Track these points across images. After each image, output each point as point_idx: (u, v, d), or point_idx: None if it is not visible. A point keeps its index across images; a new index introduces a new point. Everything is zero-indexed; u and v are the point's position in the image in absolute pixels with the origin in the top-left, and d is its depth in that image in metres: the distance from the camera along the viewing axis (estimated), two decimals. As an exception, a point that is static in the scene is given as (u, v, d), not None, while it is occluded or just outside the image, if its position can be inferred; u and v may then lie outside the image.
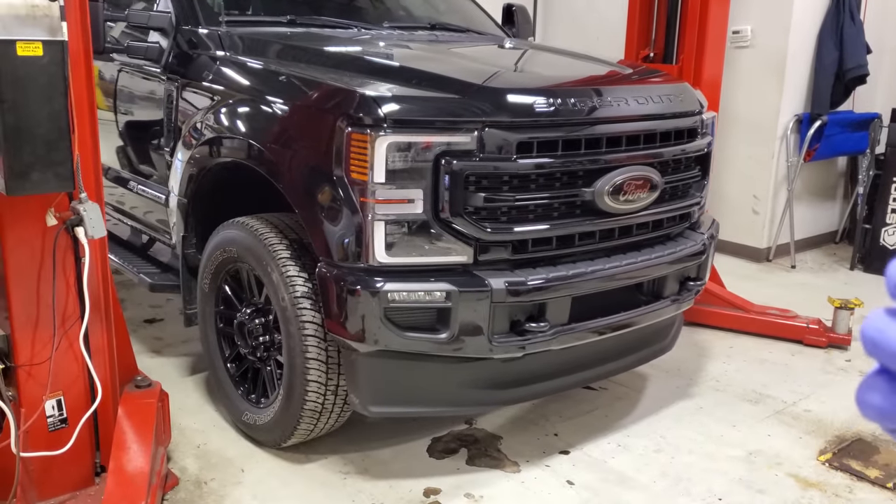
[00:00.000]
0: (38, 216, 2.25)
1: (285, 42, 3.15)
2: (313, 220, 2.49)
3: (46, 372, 2.34)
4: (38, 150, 2.06)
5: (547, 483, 2.77)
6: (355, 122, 2.35)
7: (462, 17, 4.13)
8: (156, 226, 3.49)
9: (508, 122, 2.45)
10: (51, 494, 2.48)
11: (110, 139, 3.68)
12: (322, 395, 2.62)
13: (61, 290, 2.35)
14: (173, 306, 4.32)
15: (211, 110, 2.94)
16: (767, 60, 5.42)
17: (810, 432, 3.19)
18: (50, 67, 2.04)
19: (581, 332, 2.68)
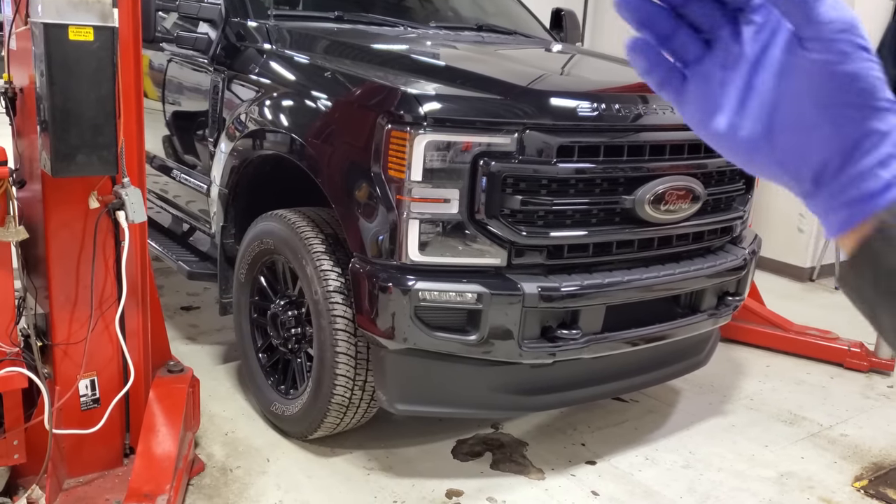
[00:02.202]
0: (81, 198, 2.29)
1: (332, 38, 3.17)
2: (349, 216, 2.50)
3: (82, 352, 2.38)
4: (85, 133, 2.10)
5: (571, 492, 2.74)
6: (395, 119, 2.35)
7: (509, 20, 4.11)
8: (197, 215, 3.54)
9: (550, 125, 2.43)
10: (80, 472, 2.53)
11: (157, 128, 3.74)
12: (350, 390, 2.63)
13: (100, 272, 2.39)
14: (210, 295, 4.38)
15: (255, 103, 2.97)
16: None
17: (846, 457, 3.11)
18: (100, 52, 2.08)
19: (614, 342, 2.64)
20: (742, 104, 0.56)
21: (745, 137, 0.56)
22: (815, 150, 0.53)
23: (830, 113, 0.52)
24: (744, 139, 0.56)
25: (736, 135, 0.56)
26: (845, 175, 0.52)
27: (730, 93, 0.56)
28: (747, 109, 0.56)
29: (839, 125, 0.52)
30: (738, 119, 0.56)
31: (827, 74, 0.52)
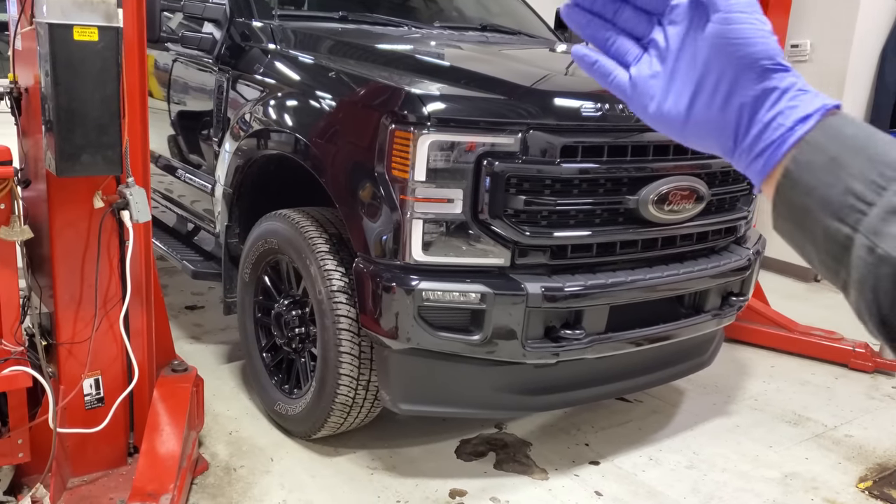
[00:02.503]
0: (86, 198, 2.30)
1: (336, 38, 3.17)
2: (353, 216, 2.51)
3: (86, 351, 2.39)
4: (89, 133, 2.11)
5: (575, 492, 2.74)
6: (399, 119, 2.35)
7: (514, 20, 4.11)
8: (201, 214, 3.55)
9: (554, 126, 2.43)
10: (84, 471, 2.54)
11: (162, 127, 3.75)
12: (353, 390, 2.63)
13: (104, 271, 2.40)
14: (214, 294, 4.39)
15: (260, 103, 2.97)
16: (826, 76, 5.30)
17: (850, 458, 3.10)
18: (104, 53, 2.08)
19: (617, 342, 2.64)
20: (667, 88, 0.67)
21: (673, 115, 0.67)
22: (728, 114, 0.63)
23: (733, 77, 0.62)
24: (672, 116, 0.67)
25: (666, 114, 0.67)
26: (754, 129, 0.62)
27: (659, 81, 0.68)
28: (671, 92, 0.67)
29: (742, 86, 0.62)
30: (665, 101, 0.67)
31: (725, 43, 0.63)
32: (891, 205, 0.54)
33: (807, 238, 0.60)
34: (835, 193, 0.57)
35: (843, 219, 0.56)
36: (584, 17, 0.71)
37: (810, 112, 0.60)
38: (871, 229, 0.55)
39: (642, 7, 0.69)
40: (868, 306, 0.57)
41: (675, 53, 0.67)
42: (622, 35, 0.70)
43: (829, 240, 0.58)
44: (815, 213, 0.58)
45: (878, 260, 0.54)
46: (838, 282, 0.60)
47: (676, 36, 0.67)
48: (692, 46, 0.66)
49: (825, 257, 0.59)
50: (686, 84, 0.66)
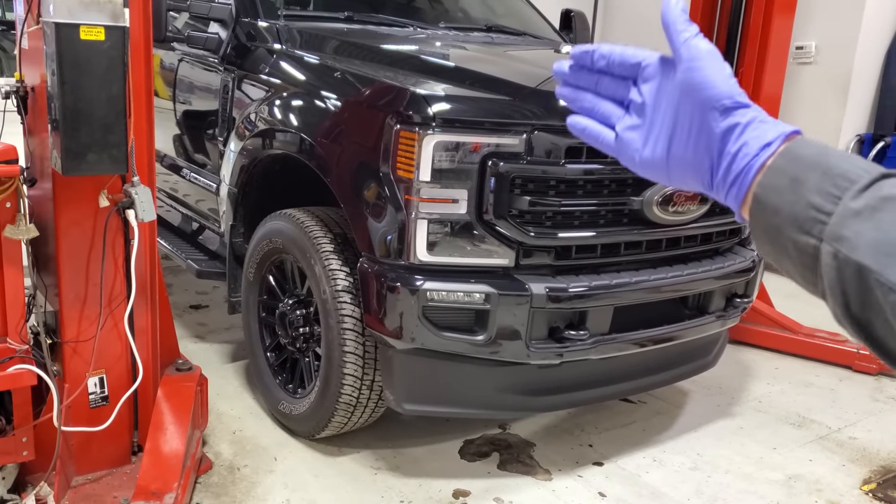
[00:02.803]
0: (91, 197, 2.30)
1: (342, 38, 3.18)
2: (358, 216, 2.51)
3: (91, 349, 2.40)
4: (95, 132, 2.11)
5: (578, 493, 2.74)
6: (404, 119, 2.35)
7: (519, 21, 4.11)
8: (206, 214, 3.55)
9: (559, 126, 2.43)
10: (88, 470, 2.54)
11: (167, 127, 3.76)
12: (357, 389, 2.63)
13: (109, 270, 2.41)
14: (219, 294, 4.39)
15: (265, 102, 2.98)
16: (831, 78, 5.29)
17: (854, 460, 3.10)
18: (110, 52, 2.09)
19: (621, 343, 2.64)
20: (647, 137, 0.75)
21: (656, 160, 0.75)
22: (701, 152, 0.71)
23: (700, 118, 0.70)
24: (655, 162, 0.75)
25: (649, 160, 0.75)
26: (724, 162, 0.68)
27: (640, 133, 0.76)
28: (650, 140, 0.75)
29: (709, 126, 0.69)
30: (646, 148, 0.75)
31: (690, 88, 0.71)
32: (846, 210, 0.59)
33: (783, 255, 0.65)
34: (798, 209, 0.62)
35: (808, 231, 0.61)
36: (572, 93, 0.81)
37: (771, 139, 0.66)
38: (833, 236, 0.59)
39: (619, 75, 0.78)
40: (842, 309, 0.60)
41: (651, 105, 0.75)
42: (606, 101, 0.79)
43: (801, 252, 0.62)
44: (785, 230, 0.63)
45: (841, 263, 0.59)
46: (818, 292, 0.63)
47: (650, 91, 0.75)
48: (665, 97, 0.74)
49: (802, 270, 0.64)
50: (662, 131, 0.74)
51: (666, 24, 0.74)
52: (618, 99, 0.79)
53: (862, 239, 0.58)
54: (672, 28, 0.73)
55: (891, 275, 0.56)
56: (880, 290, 0.56)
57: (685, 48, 0.72)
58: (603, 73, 0.79)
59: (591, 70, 0.80)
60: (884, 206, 0.58)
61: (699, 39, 0.72)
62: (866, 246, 0.57)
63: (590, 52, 0.79)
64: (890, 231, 0.57)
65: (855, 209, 0.59)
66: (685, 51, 0.72)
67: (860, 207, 0.59)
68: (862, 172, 0.61)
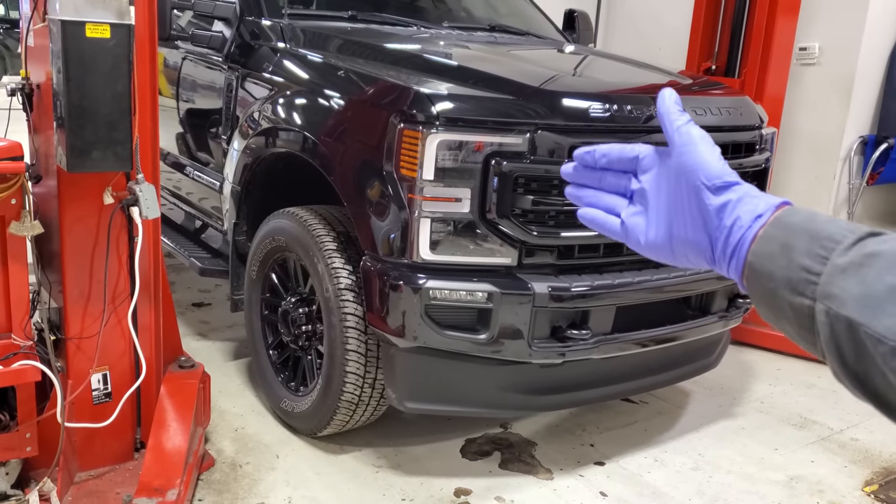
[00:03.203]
0: (96, 194, 2.31)
1: (345, 37, 3.18)
2: (361, 214, 2.51)
3: (94, 346, 2.40)
4: (100, 129, 2.12)
5: (579, 493, 2.74)
6: (408, 118, 2.36)
7: (522, 21, 4.12)
8: (209, 212, 3.56)
9: (562, 126, 2.44)
10: (91, 466, 2.55)
11: (171, 125, 3.76)
12: (359, 388, 2.64)
13: (113, 267, 2.41)
14: (221, 292, 4.40)
15: (268, 101, 2.98)
16: (834, 79, 5.28)
17: (856, 462, 3.10)
18: (116, 50, 2.09)
19: (624, 343, 2.64)
20: (650, 221, 0.81)
21: (660, 242, 0.80)
22: (700, 231, 0.75)
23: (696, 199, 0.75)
24: (659, 243, 0.80)
25: (653, 242, 0.80)
26: (721, 236, 0.73)
27: (643, 217, 0.82)
28: (653, 223, 0.80)
29: (704, 205, 0.74)
30: (650, 232, 0.81)
31: (683, 171, 0.77)
32: (834, 268, 0.63)
33: (782, 317, 0.68)
34: (791, 272, 0.66)
35: (802, 292, 0.65)
36: (578, 190, 0.88)
37: (762, 211, 0.71)
38: (824, 294, 0.63)
39: (619, 170, 0.85)
40: (839, 365, 0.63)
41: (651, 192, 0.81)
42: (610, 194, 0.86)
43: (797, 314, 0.65)
44: (780, 293, 0.67)
45: (833, 319, 0.62)
46: (818, 352, 0.66)
47: (649, 179, 0.81)
48: (663, 182, 0.80)
49: (800, 331, 0.66)
50: (663, 214, 0.79)
51: (661, 114, 0.80)
52: (620, 192, 0.85)
53: (848, 294, 0.61)
54: (666, 117, 0.79)
55: (877, 326, 0.58)
56: (870, 342, 0.59)
57: (678, 134, 0.78)
58: (605, 170, 0.86)
59: (593, 168, 0.86)
60: (867, 261, 0.61)
61: (691, 126, 0.78)
62: (853, 300, 0.60)
63: (591, 152, 0.86)
64: (873, 284, 0.60)
65: (841, 266, 0.62)
66: (678, 137, 0.78)
67: (845, 264, 0.62)
68: (847, 233, 0.64)
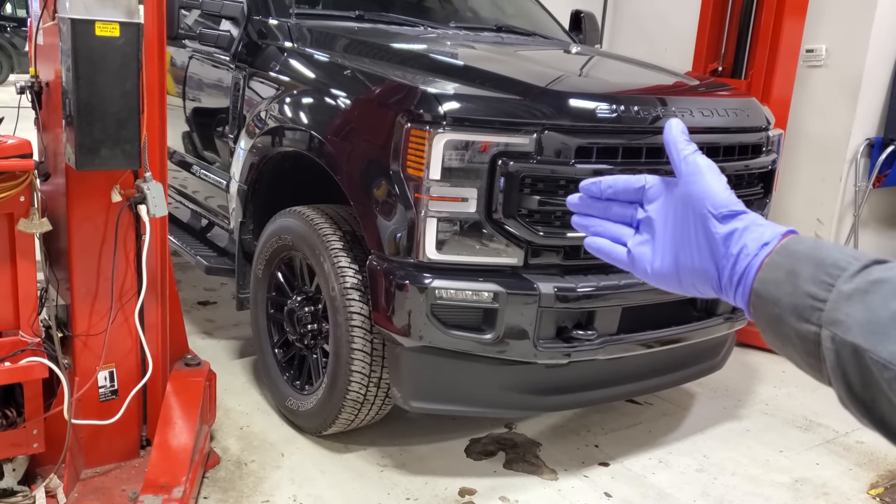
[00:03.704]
0: (104, 192, 2.32)
1: (352, 37, 3.19)
2: (367, 213, 2.52)
3: (101, 343, 2.41)
4: (109, 127, 2.13)
5: (584, 493, 2.74)
6: (415, 118, 2.36)
7: (529, 21, 4.12)
8: (215, 210, 3.57)
9: (569, 126, 2.44)
10: (97, 463, 2.56)
11: (177, 124, 3.77)
12: (365, 387, 2.64)
13: (121, 265, 2.42)
14: (227, 290, 4.41)
15: (275, 100, 2.99)
16: (841, 81, 5.27)
17: (862, 465, 3.09)
18: (125, 48, 2.10)
19: (629, 344, 2.64)
20: (657, 250, 0.81)
21: (666, 270, 0.80)
22: (707, 259, 0.76)
23: (703, 227, 0.76)
24: (666, 272, 0.81)
25: (660, 270, 0.81)
26: (728, 264, 0.73)
27: (649, 246, 0.82)
28: (660, 252, 0.81)
29: (711, 233, 0.75)
30: (657, 260, 0.81)
31: (690, 199, 0.78)
32: (839, 294, 0.63)
33: (788, 344, 0.68)
34: (797, 299, 0.66)
35: (807, 319, 0.65)
36: (584, 220, 0.89)
37: (769, 239, 0.71)
38: (830, 320, 0.63)
39: (625, 200, 0.86)
40: (845, 391, 0.63)
41: (657, 221, 0.82)
42: (616, 224, 0.87)
43: (803, 340, 0.66)
44: (786, 319, 0.67)
45: (838, 345, 0.62)
46: (824, 378, 0.66)
47: (656, 209, 0.82)
48: (670, 211, 0.81)
49: (806, 358, 0.67)
50: (669, 242, 0.80)
51: (667, 143, 0.82)
52: (627, 221, 0.87)
53: (853, 320, 0.61)
54: (673, 146, 0.81)
55: (882, 351, 0.58)
56: (875, 368, 0.59)
57: (685, 163, 0.79)
58: (611, 201, 0.87)
59: (599, 198, 0.87)
60: (872, 288, 0.61)
61: (698, 155, 0.79)
62: (858, 326, 0.60)
63: (597, 182, 0.87)
64: (878, 310, 0.60)
65: (847, 293, 0.63)
66: (685, 166, 0.79)
67: (851, 291, 0.62)
68: (852, 260, 0.65)
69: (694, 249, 0.77)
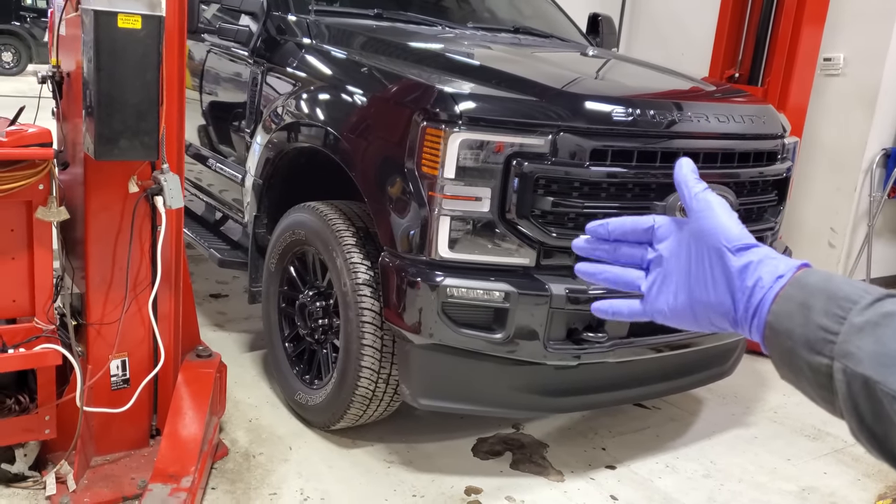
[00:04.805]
0: (121, 182, 2.34)
1: (370, 34, 3.20)
2: (381, 210, 2.53)
3: (115, 332, 2.44)
4: (128, 118, 2.15)
5: (590, 496, 2.74)
6: (431, 116, 2.37)
7: (546, 23, 4.12)
8: (230, 204, 3.59)
9: (584, 129, 2.44)
10: (107, 451, 2.58)
11: (194, 117, 3.80)
12: (374, 383, 2.65)
13: (136, 255, 2.44)
14: (239, 283, 4.43)
15: (292, 96, 3.01)
16: (858, 91, 5.25)
17: (870, 475, 3.08)
18: (146, 40, 2.12)
19: (639, 348, 2.64)
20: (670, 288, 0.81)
21: (681, 308, 0.80)
22: (722, 292, 0.76)
23: (717, 262, 0.76)
24: (681, 310, 0.80)
25: (674, 309, 0.81)
26: (743, 297, 0.74)
27: (660, 288, 0.82)
28: (673, 290, 0.81)
29: (725, 267, 0.75)
30: (672, 299, 0.81)
31: (702, 235, 0.78)
32: (851, 327, 0.64)
33: (800, 377, 0.69)
34: (809, 332, 0.67)
35: (820, 351, 0.65)
36: (591, 267, 0.88)
37: (783, 272, 0.72)
38: (842, 353, 0.63)
39: (634, 241, 0.86)
40: (857, 423, 0.64)
41: (671, 259, 0.82)
42: (625, 268, 0.87)
43: (816, 373, 0.66)
44: (798, 351, 0.68)
45: (850, 377, 0.62)
46: (836, 412, 0.66)
47: (667, 247, 0.83)
48: (683, 249, 0.81)
49: (819, 391, 0.67)
50: (683, 279, 0.80)
51: (678, 182, 0.82)
52: (636, 263, 0.86)
53: (864, 352, 0.62)
54: (684, 185, 0.81)
55: (892, 383, 0.59)
56: (886, 400, 0.60)
57: (695, 200, 0.80)
58: (619, 242, 0.87)
59: (607, 240, 0.87)
60: (884, 321, 0.62)
61: (708, 192, 0.80)
62: (869, 358, 0.61)
63: (604, 224, 0.87)
64: (889, 343, 0.61)
65: (858, 325, 0.63)
66: (696, 203, 0.80)
67: (862, 323, 0.63)
68: (863, 293, 0.66)
69: (710, 284, 0.77)
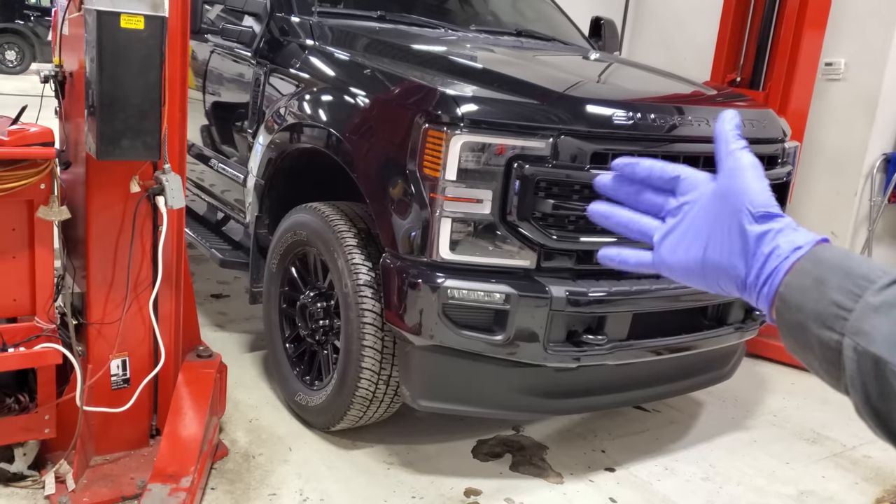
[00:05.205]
0: (123, 182, 2.34)
1: (373, 36, 3.21)
2: (382, 212, 2.54)
3: (115, 332, 2.44)
4: (130, 118, 2.15)
5: (589, 498, 2.74)
6: (433, 118, 2.38)
7: (549, 26, 4.13)
8: (232, 204, 3.60)
9: (585, 132, 2.45)
10: (107, 450, 2.58)
11: (196, 117, 3.80)
12: (374, 384, 2.66)
13: (137, 255, 2.45)
14: (240, 284, 4.44)
15: (295, 97, 3.01)
16: (859, 96, 5.25)
17: (868, 479, 3.08)
18: (149, 41, 2.13)
19: (639, 350, 2.65)
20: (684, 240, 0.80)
21: (692, 263, 0.79)
22: (736, 255, 0.75)
23: (738, 223, 0.75)
24: (691, 265, 0.79)
25: (684, 262, 0.79)
26: (757, 263, 0.73)
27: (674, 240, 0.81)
28: (687, 243, 0.79)
29: (745, 229, 0.74)
30: (681, 255, 0.80)
31: (729, 193, 0.76)
32: (866, 306, 0.64)
33: (807, 351, 0.69)
34: (822, 307, 0.67)
35: (831, 327, 0.66)
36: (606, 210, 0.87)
37: (802, 244, 0.71)
38: (854, 330, 0.64)
39: (658, 187, 0.84)
40: (862, 401, 0.64)
41: (691, 212, 0.80)
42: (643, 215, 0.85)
43: (824, 347, 0.67)
44: (809, 325, 0.68)
45: (860, 356, 0.63)
46: (841, 387, 0.67)
47: (689, 199, 0.81)
48: (704, 203, 0.79)
49: (826, 366, 0.68)
50: (699, 235, 0.78)
51: (717, 135, 0.80)
52: (654, 212, 0.84)
53: (878, 332, 0.62)
54: (723, 140, 0.79)
55: None
56: (895, 380, 0.60)
57: (731, 157, 0.77)
58: (643, 186, 0.85)
59: (632, 182, 0.85)
60: None
61: (745, 152, 0.78)
62: (882, 338, 0.61)
63: (632, 163, 0.85)
64: None
65: (874, 305, 0.63)
66: (730, 160, 0.77)
67: (879, 303, 0.63)
68: (881, 273, 0.65)
69: (725, 244, 0.76)
